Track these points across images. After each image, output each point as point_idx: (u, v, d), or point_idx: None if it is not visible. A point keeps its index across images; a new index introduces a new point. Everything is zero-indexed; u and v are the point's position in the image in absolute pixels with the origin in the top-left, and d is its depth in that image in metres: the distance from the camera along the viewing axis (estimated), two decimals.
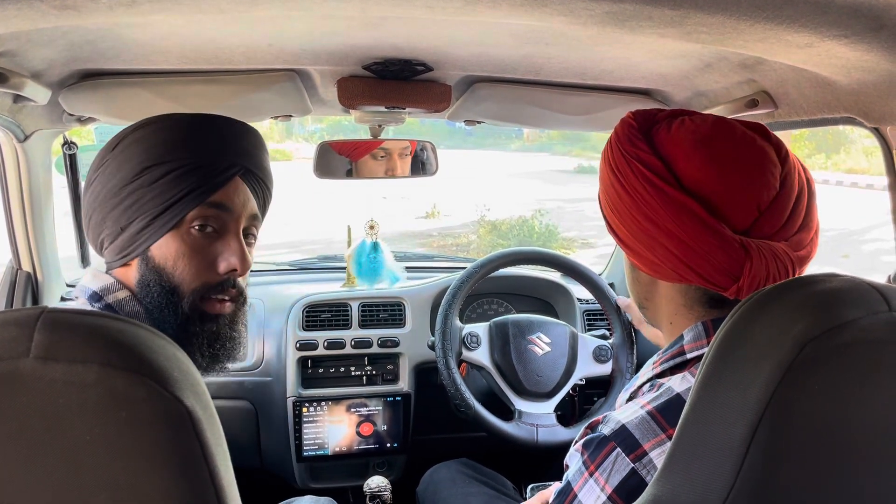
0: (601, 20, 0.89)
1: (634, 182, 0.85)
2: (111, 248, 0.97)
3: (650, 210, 0.83)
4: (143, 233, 0.95)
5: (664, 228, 0.83)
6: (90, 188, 0.98)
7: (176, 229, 0.96)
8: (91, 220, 0.98)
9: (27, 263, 1.69)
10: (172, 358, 0.56)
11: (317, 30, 1.16)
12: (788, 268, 0.82)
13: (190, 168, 0.95)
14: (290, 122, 1.82)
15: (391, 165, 1.85)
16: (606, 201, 0.91)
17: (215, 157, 0.99)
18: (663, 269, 0.86)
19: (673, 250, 0.83)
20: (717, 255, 0.81)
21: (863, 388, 0.57)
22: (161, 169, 0.94)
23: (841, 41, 0.88)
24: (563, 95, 1.57)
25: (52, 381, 0.51)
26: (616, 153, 0.89)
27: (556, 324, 1.89)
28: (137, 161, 0.95)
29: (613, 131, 0.93)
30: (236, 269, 1.00)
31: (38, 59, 1.18)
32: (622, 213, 0.88)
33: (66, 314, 0.54)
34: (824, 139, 17.14)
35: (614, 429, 0.82)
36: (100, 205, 0.96)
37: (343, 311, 2.07)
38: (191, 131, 0.99)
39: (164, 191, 0.94)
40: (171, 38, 1.21)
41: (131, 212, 0.95)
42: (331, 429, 1.97)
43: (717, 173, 0.83)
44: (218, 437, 0.58)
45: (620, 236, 0.90)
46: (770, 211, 0.84)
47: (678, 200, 0.82)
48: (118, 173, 0.95)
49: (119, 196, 0.95)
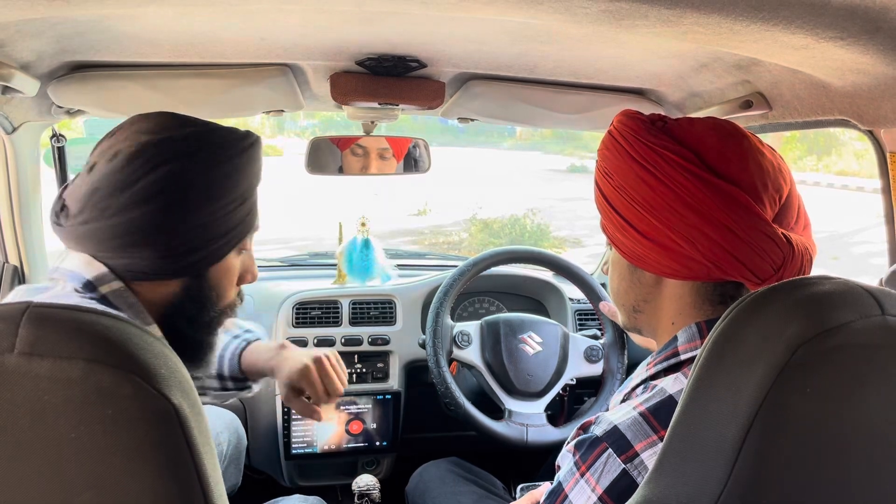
0: (597, 18, 0.89)
1: (672, 172, 0.83)
2: (156, 261, 0.95)
3: (693, 200, 0.81)
4: (212, 254, 1.00)
5: (712, 219, 0.81)
6: (151, 204, 0.92)
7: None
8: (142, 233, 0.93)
9: (14, 257, 1.67)
10: (160, 355, 0.56)
11: (310, 24, 1.15)
12: (810, 263, 0.83)
13: (251, 194, 1.05)
14: (282, 117, 1.81)
15: (367, 163, 1.85)
16: (625, 197, 0.87)
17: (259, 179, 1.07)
18: (698, 265, 0.84)
19: (720, 241, 0.81)
20: (766, 245, 0.80)
21: (855, 392, 0.57)
22: (241, 198, 1.01)
23: (837, 43, 0.88)
24: (557, 94, 1.57)
25: (36, 377, 0.50)
26: (638, 145, 0.86)
27: (547, 323, 1.89)
28: (224, 188, 0.98)
29: (617, 127, 0.91)
30: (256, 278, 1.13)
31: (27, 51, 1.16)
32: (655, 207, 0.84)
33: (53, 309, 0.53)
34: (815, 141, 17.23)
35: (606, 429, 0.81)
36: (168, 224, 0.94)
37: (333, 308, 2.06)
38: (252, 155, 1.04)
39: (238, 217, 1.01)
40: (162, 31, 1.19)
41: (202, 234, 0.97)
42: (320, 426, 1.96)
43: (745, 164, 0.83)
44: (205, 435, 0.58)
45: (642, 231, 0.86)
46: (786, 205, 0.85)
47: (722, 188, 0.81)
48: (202, 199, 0.96)
49: (195, 221, 0.96)
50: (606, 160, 0.91)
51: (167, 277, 0.98)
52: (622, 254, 0.92)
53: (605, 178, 0.91)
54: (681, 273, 0.87)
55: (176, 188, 0.93)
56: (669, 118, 0.90)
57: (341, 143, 1.85)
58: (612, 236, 0.93)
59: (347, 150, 1.85)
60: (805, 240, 0.85)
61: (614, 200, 0.90)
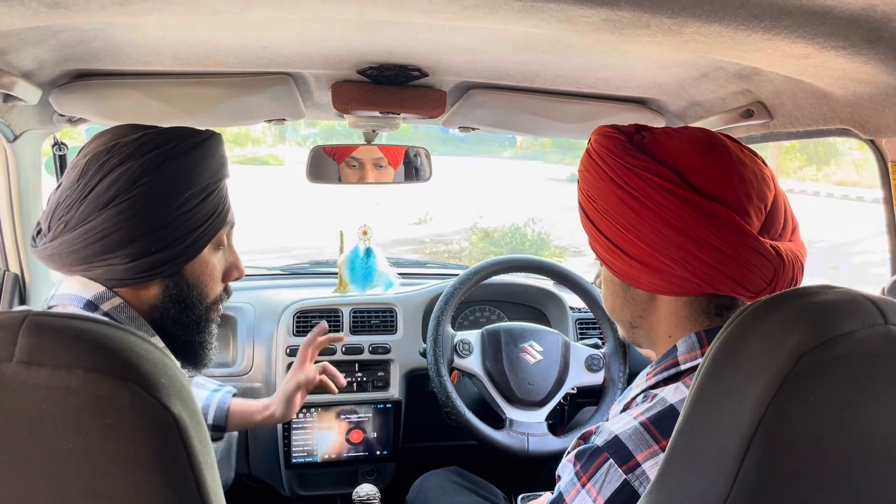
0: (598, 27, 0.89)
1: (654, 194, 0.82)
2: (130, 266, 0.96)
3: (678, 221, 0.81)
4: (183, 252, 1.00)
5: (698, 238, 0.81)
6: (109, 209, 0.93)
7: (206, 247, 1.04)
8: (106, 239, 0.94)
9: (15, 265, 1.67)
10: (160, 363, 0.55)
11: (311, 33, 1.15)
12: (801, 271, 0.84)
13: (216, 188, 1.03)
14: (284, 126, 1.82)
15: (363, 174, 1.86)
16: (611, 221, 0.87)
17: (223, 173, 1.06)
18: (689, 283, 0.83)
19: (709, 260, 0.81)
20: (756, 260, 0.80)
21: (858, 402, 0.56)
22: (202, 192, 1.00)
23: (838, 52, 0.88)
24: (559, 103, 1.57)
25: (35, 385, 0.49)
26: (618, 167, 0.86)
27: (548, 332, 1.88)
28: (180, 184, 0.98)
29: (595, 147, 0.90)
30: (243, 274, 1.13)
31: (29, 59, 1.17)
32: (640, 230, 0.84)
33: (51, 318, 0.53)
34: (815, 151, 17.26)
35: (607, 440, 0.81)
36: (129, 226, 0.94)
37: (334, 316, 2.06)
38: (207, 150, 1.03)
39: (204, 213, 1.01)
40: (164, 40, 1.20)
41: (169, 233, 0.97)
42: (320, 436, 1.96)
43: (727, 178, 0.83)
44: (205, 445, 0.57)
45: (630, 254, 0.86)
46: (772, 212, 0.85)
47: (706, 207, 0.81)
48: (158, 197, 0.96)
49: (157, 220, 0.96)
50: (588, 183, 0.91)
51: (143, 280, 0.98)
52: (613, 273, 0.92)
53: (589, 202, 0.91)
54: (673, 290, 0.87)
55: (130, 189, 0.94)
56: (648, 132, 0.90)
57: (337, 155, 1.85)
58: (602, 257, 0.93)
59: (343, 164, 1.86)
60: (794, 247, 0.85)
61: (600, 224, 0.89)
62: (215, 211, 1.04)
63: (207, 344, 1.10)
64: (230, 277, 1.12)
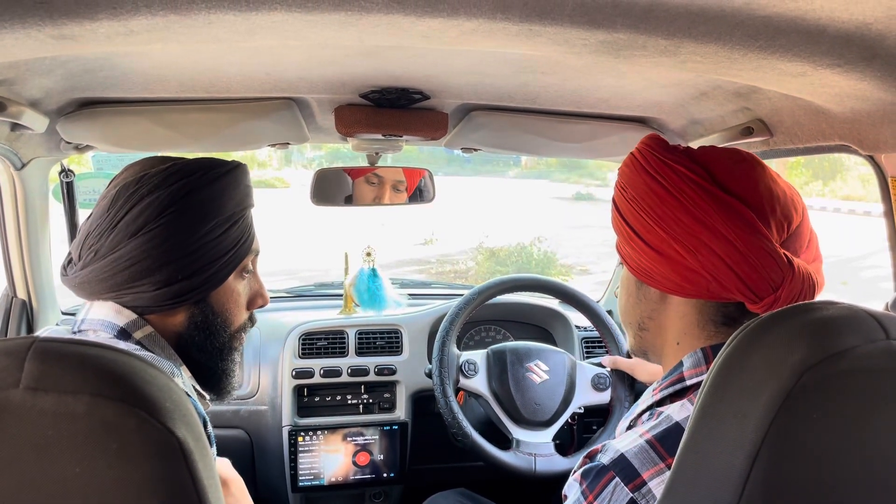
0: (596, 49, 0.90)
1: (680, 183, 0.85)
2: (157, 293, 0.98)
3: (698, 210, 0.83)
4: (209, 280, 1.02)
5: (714, 230, 0.82)
6: (138, 237, 0.96)
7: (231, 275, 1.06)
8: (135, 267, 0.96)
9: (23, 291, 1.68)
10: (165, 388, 0.56)
11: (314, 59, 1.17)
12: (812, 291, 0.84)
13: (241, 216, 1.06)
14: (290, 149, 1.83)
15: (380, 193, 1.87)
16: (636, 207, 0.90)
17: (248, 202, 1.09)
18: (697, 277, 0.84)
19: (720, 253, 0.82)
20: (766, 262, 0.81)
21: (861, 417, 0.56)
22: (227, 221, 1.03)
23: (834, 70, 0.89)
24: (560, 123, 1.58)
25: (41, 411, 0.50)
26: (654, 160, 0.89)
27: (554, 351, 1.88)
28: (206, 213, 1.00)
29: (640, 148, 0.93)
30: (267, 302, 1.15)
31: (37, 88, 1.18)
32: (662, 217, 0.86)
33: (58, 344, 0.54)
34: (820, 166, 17.26)
35: (613, 458, 0.81)
36: (157, 254, 0.96)
37: (340, 338, 2.06)
38: (233, 180, 1.06)
39: (230, 241, 1.03)
40: (169, 68, 1.21)
41: (195, 261, 0.99)
42: (326, 458, 1.95)
43: (755, 185, 0.85)
44: (210, 469, 0.58)
45: (647, 241, 0.88)
46: (795, 235, 0.86)
47: (727, 202, 0.83)
48: (185, 226, 0.98)
49: (184, 248, 0.98)
50: (624, 176, 0.94)
51: (169, 308, 1.00)
52: (630, 268, 0.94)
53: (620, 193, 0.95)
54: (683, 289, 0.87)
55: (157, 218, 0.96)
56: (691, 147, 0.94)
57: (353, 172, 1.86)
58: (622, 251, 0.95)
59: (361, 179, 1.86)
60: (812, 269, 0.85)
61: (626, 211, 0.92)
62: (240, 239, 1.06)
63: (231, 372, 1.11)
64: (255, 305, 1.14)
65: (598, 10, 0.80)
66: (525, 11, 0.79)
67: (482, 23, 0.82)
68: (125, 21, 0.78)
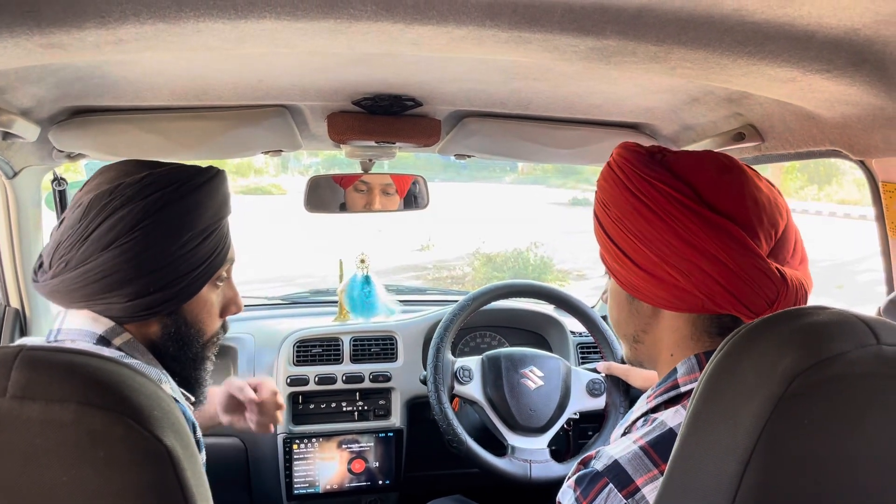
0: (586, 56, 0.90)
1: (666, 205, 0.83)
2: (128, 305, 0.97)
3: (688, 233, 0.82)
4: (181, 292, 1.01)
5: (705, 252, 0.81)
6: (109, 251, 0.94)
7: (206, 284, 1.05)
8: (105, 280, 0.95)
9: (16, 300, 1.68)
10: (153, 396, 0.56)
11: (306, 66, 1.17)
12: (805, 298, 0.83)
13: (216, 227, 1.04)
14: (286, 156, 1.83)
15: (370, 200, 1.87)
16: (622, 229, 0.88)
17: (225, 212, 1.08)
18: (691, 297, 0.84)
19: (713, 275, 0.81)
20: (760, 280, 0.80)
21: (852, 422, 0.56)
22: (202, 234, 1.01)
23: (823, 75, 0.89)
24: (553, 129, 1.58)
25: (28, 420, 0.50)
26: (635, 177, 0.87)
27: (549, 357, 1.88)
28: (180, 226, 0.99)
29: (616, 159, 0.91)
30: (241, 309, 1.14)
31: (28, 97, 1.18)
32: (650, 239, 0.85)
33: (45, 352, 0.53)
34: (816, 171, 17.32)
35: (607, 464, 0.80)
36: (128, 268, 0.95)
37: (334, 345, 2.06)
38: (211, 190, 1.04)
39: (204, 253, 1.02)
40: (160, 76, 1.21)
41: (167, 274, 0.98)
42: (322, 466, 1.94)
43: (741, 198, 0.84)
44: (199, 477, 0.57)
45: (637, 263, 0.87)
46: (782, 240, 0.85)
47: (716, 222, 0.81)
48: (158, 240, 0.97)
49: (156, 262, 0.97)
50: (604, 191, 0.92)
51: (140, 319, 1.00)
52: (619, 283, 0.93)
53: (603, 210, 0.92)
54: (675, 305, 0.87)
55: (129, 232, 0.94)
56: (668, 150, 0.91)
57: (343, 180, 1.87)
58: (610, 266, 0.93)
59: (351, 188, 1.87)
60: (801, 275, 0.85)
61: (612, 231, 0.90)
62: (215, 250, 1.04)
63: (204, 381, 1.10)
64: (228, 312, 1.13)
65: (588, 17, 0.80)
66: (514, 18, 0.80)
67: (472, 30, 0.82)
68: (113, 29, 0.78)
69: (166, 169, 1.01)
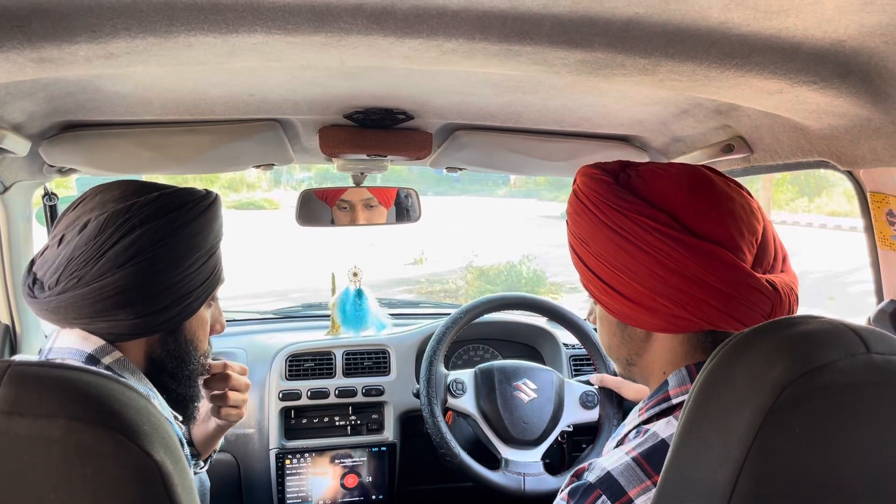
0: (575, 69, 0.91)
1: (648, 237, 0.82)
2: (135, 322, 0.98)
3: (673, 262, 0.81)
4: (185, 310, 1.04)
5: (695, 279, 0.80)
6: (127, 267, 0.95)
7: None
8: (119, 296, 0.95)
9: (6, 316, 1.66)
10: (143, 411, 0.55)
11: (297, 80, 1.17)
12: (796, 302, 0.84)
13: (217, 248, 1.09)
14: (279, 170, 1.84)
15: (354, 216, 1.89)
16: (605, 264, 0.87)
17: (222, 234, 1.12)
18: (687, 321, 0.83)
19: (706, 300, 0.81)
20: (754, 297, 0.80)
21: (843, 430, 0.56)
22: (207, 254, 1.05)
23: (810, 87, 0.90)
24: (544, 142, 1.59)
25: (16, 436, 0.49)
26: (609, 210, 0.86)
27: (542, 370, 1.87)
28: (192, 246, 1.02)
29: (582, 189, 0.90)
30: (224, 328, 1.19)
31: (18, 112, 1.18)
32: (637, 273, 0.83)
33: (34, 367, 0.53)
34: (806, 182, 17.43)
35: (599, 476, 0.80)
36: (144, 285, 0.97)
37: (327, 359, 2.05)
38: (215, 213, 1.08)
39: (207, 272, 1.06)
40: (151, 90, 1.21)
41: (175, 292, 1.00)
42: (314, 481, 1.93)
43: (719, 216, 0.83)
44: (189, 493, 0.57)
45: (627, 296, 0.86)
46: (762, 244, 0.86)
47: (700, 248, 0.81)
48: (174, 258, 1.00)
49: (168, 280, 0.99)
50: (579, 226, 0.91)
51: (145, 336, 1.02)
52: (609, 312, 0.92)
53: (581, 245, 0.91)
54: (671, 328, 0.87)
55: (149, 250, 0.97)
56: (633, 170, 0.90)
57: (328, 198, 1.88)
58: (596, 297, 0.93)
59: (335, 206, 1.88)
60: (787, 278, 0.85)
61: (595, 267, 0.89)
62: (215, 270, 1.09)
63: (197, 397, 1.12)
64: (213, 331, 1.17)
65: (576, 30, 0.80)
66: (504, 32, 0.80)
67: (461, 43, 0.82)
68: (104, 44, 0.78)
69: (174, 190, 1.04)
